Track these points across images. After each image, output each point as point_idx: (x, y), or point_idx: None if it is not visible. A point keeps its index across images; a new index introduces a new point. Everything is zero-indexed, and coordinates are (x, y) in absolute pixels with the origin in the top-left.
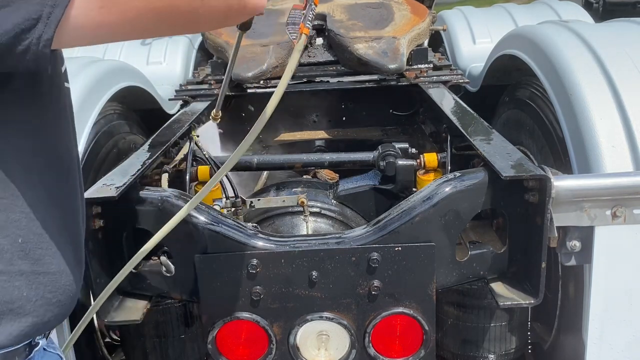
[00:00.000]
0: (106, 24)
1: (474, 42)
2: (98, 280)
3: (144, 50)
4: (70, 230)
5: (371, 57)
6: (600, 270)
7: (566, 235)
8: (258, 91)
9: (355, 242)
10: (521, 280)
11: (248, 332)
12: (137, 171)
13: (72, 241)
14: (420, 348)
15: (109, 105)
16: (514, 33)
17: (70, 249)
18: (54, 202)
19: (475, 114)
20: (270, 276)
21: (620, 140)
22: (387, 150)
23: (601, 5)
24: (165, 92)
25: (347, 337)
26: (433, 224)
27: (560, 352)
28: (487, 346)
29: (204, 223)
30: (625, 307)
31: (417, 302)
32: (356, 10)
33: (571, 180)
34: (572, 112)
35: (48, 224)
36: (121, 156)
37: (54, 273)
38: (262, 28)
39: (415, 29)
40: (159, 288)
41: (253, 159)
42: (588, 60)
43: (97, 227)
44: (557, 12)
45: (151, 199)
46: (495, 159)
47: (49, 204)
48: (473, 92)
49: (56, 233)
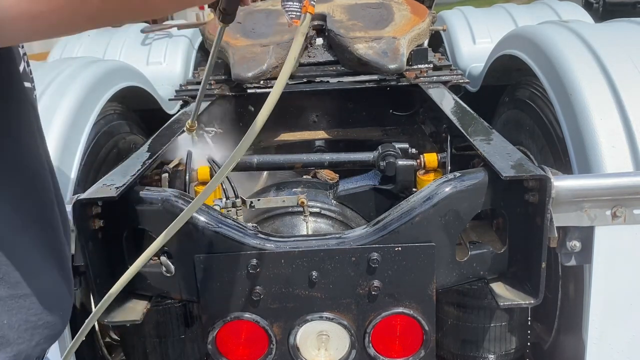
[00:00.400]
0: (41, 13)
1: (474, 42)
2: (98, 281)
3: (144, 50)
4: (51, 246)
5: (371, 57)
6: (600, 270)
7: (566, 236)
8: (258, 91)
9: (355, 242)
10: (521, 280)
11: (248, 332)
12: (137, 171)
13: (55, 256)
14: (420, 348)
15: (109, 105)
16: (514, 33)
17: (54, 265)
18: (26, 217)
19: (475, 114)
20: (270, 276)
21: (620, 140)
22: (387, 151)
23: (601, 5)
24: (165, 92)
25: (347, 337)
26: (433, 224)
27: (560, 352)
28: (487, 346)
29: (204, 223)
30: (625, 307)
31: (417, 302)
32: (356, 10)
33: (571, 180)
34: (572, 112)
35: (22, 241)
36: (121, 156)
37: (37, 294)
38: (262, 28)
39: (415, 29)
40: (159, 288)
41: (253, 159)
42: (588, 60)
43: (97, 227)
44: (557, 12)
45: (151, 199)
46: (495, 159)
47: (18, 219)
48: (473, 92)
49: (34, 251)
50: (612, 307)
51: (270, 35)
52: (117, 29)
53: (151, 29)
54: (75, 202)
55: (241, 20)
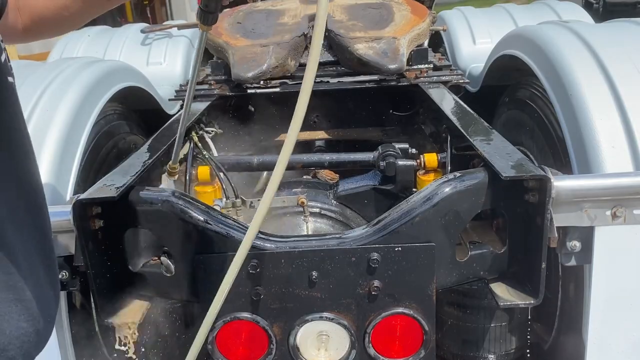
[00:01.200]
0: None
1: (474, 43)
2: (98, 281)
3: (144, 50)
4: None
5: (371, 57)
6: (600, 271)
7: (566, 236)
8: (258, 91)
9: (355, 242)
10: (521, 280)
11: (248, 332)
12: (137, 171)
13: (44, 262)
14: (421, 348)
15: (109, 105)
16: (514, 33)
17: (43, 270)
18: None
19: (475, 114)
20: (270, 276)
21: (620, 141)
22: (387, 151)
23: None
24: (165, 93)
25: (347, 337)
26: (433, 224)
27: (560, 352)
28: (487, 346)
29: (204, 223)
30: (625, 307)
31: (417, 303)
32: (356, 10)
33: (571, 180)
34: (572, 112)
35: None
36: (121, 156)
37: (27, 300)
38: (262, 28)
39: (415, 29)
40: (159, 288)
41: (253, 159)
42: (588, 60)
43: (97, 227)
44: (557, 12)
45: (151, 199)
46: (495, 159)
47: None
48: (473, 93)
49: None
50: (612, 307)
51: (270, 36)
52: (117, 29)
53: (151, 29)
54: (75, 202)
55: (241, 20)
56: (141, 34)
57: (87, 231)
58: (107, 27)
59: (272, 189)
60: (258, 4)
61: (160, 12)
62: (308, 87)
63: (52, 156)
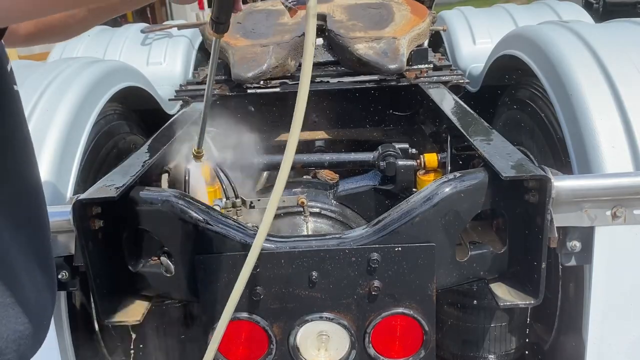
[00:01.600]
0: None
1: (474, 43)
2: (98, 281)
3: (144, 50)
4: (39, 251)
5: (371, 57)
6: (600, 271)
7: (566, 236)
8: (258, 91)
9: (356, 242)
10: (521, 280)
11: (248, 332)
12: (137, 171)
13: (41, 263)
14: (421, 348)
15: (109, 105)
16: (514, 33)
17: (41, 272)
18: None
19: (475, 114)
20: (270, 276)
21: (620, 141)
22: (387, 151)
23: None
24: (165, 92)
25: (347, 337)
26: (433, 224)
27: (560, 352)
28: (487, 346)
29: (204, 223)
30: (625, 307)
31: (417, 303)
32: (356, 10)
33: (571, 180)
34: (572, 113)
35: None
36: (121, 156)
37: (24, 303)
38: (262, 28)
39: (415, 29)
40: (159, 288)
41: (253, 159)
42: (588, 60)
43: (97, 227)
44: (557, 13)
45: (151, 199)
46: (495, 159)
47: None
48: (473, 93)
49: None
50: (612, 307)
51: (270, 36)
52: (117, 29)
53: (151, 29)
54: (75, 202)
55: (241, 20)
56: (141, 34)
57: (87, 231)
58: (107, 27)
59: (277, 192)
60: (258, 4)
61: (160, 12)
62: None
63: (52, 156)
